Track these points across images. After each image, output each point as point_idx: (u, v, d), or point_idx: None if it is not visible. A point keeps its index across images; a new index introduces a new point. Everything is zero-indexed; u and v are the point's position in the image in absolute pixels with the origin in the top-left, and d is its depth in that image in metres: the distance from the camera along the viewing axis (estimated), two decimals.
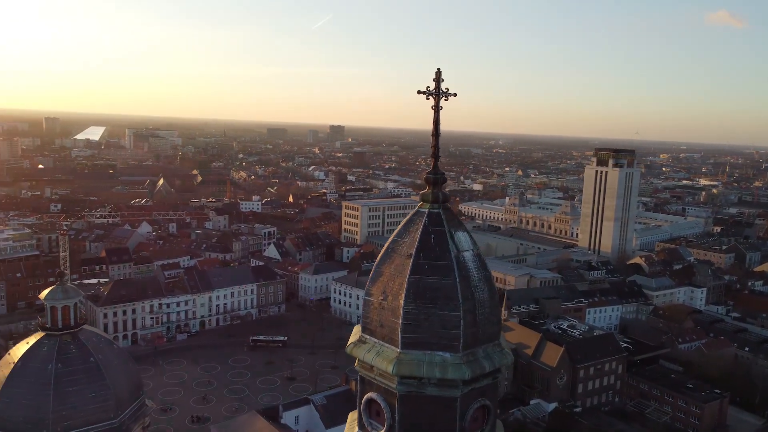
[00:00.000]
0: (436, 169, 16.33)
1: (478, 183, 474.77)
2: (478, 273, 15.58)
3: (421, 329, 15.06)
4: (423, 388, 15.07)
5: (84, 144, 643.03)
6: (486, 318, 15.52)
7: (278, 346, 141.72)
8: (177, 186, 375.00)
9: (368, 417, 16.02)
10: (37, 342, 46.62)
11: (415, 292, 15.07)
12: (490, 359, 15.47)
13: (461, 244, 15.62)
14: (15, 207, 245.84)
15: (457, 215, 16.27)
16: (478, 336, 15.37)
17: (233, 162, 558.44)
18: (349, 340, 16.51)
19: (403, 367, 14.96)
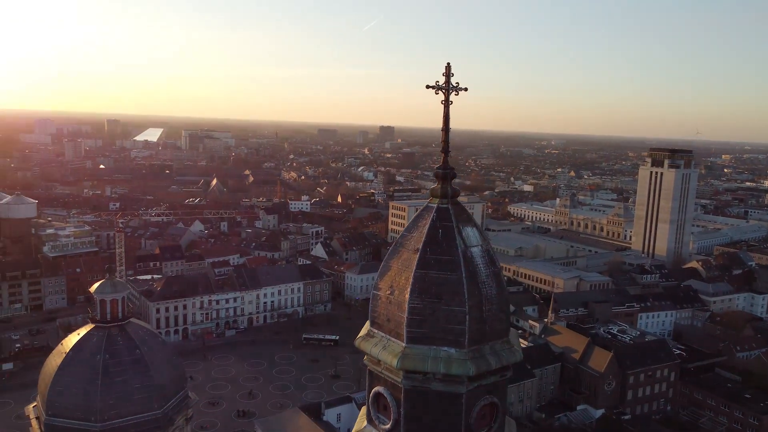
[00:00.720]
0: (445, 164, 16.25)
1: (528, 184, 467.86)
2: (486, 269, 15.41)
3: (426, 324, 15.01)
4: (428, 384, 15.02)
5: (143, 145, 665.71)
6: (493, 314, 15.34)
7: (330, 345, 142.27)
8: (230, 186, 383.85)
9: (376, 411, 16.08)
10: (87, 333, 48.34)
11: (421, 286, 15.04)
12: (497, 356, 15.28)
13: (469, 240, 15.49)
14: (77, 205, 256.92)
15: (466, 211, 16.12)
16: (485, 332, 15.21)
17: (284, 162, 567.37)
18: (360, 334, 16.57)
19: (408, 362, 14.95)
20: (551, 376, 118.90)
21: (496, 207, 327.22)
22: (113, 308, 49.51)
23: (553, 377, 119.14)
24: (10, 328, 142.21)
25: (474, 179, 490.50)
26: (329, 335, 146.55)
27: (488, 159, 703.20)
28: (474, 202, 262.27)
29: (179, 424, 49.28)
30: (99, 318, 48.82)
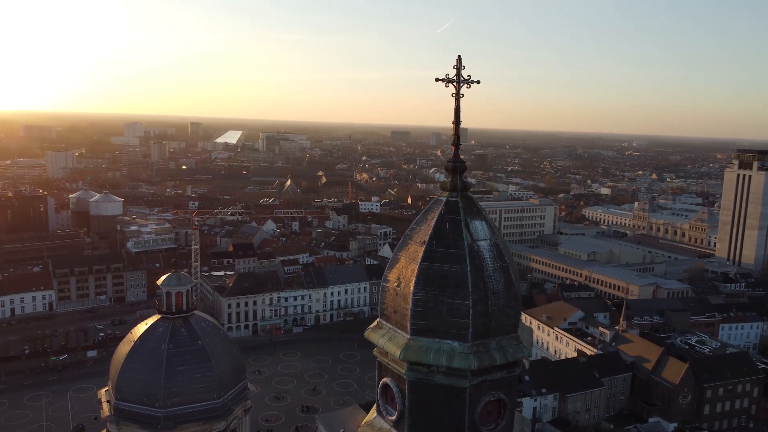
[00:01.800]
0: (456, 158, 16.17)
1: (606, 187, 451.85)
2: (493, 263, 15.19)
3: (430, 316, 14.98)
4: (432, 376, 14.97)
5: (222, 147, 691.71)
6: (500, 309, 15.09)
7: None
8: (303, 186, 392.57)
9: (384, 402, 16.19)
10: (153, 323, 50.71)
11: (426, 279, 15.02)
12: (502, 351, 15.03)
13: (477, 233, 15.33)
14: (159, 204, 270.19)
15: (477, 204, 15.96)
16: (490, 327, 15.00)
17: (356, 164, 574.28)
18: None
19: (411, 354, 14.97)
20: (621, 386, 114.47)
21: (570, 210, 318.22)
22: (178, 300, 51.70)
23: (623, 387, 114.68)
24: (95, 318, 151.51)
25: (548, 181, 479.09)
26: None
27: (564, 161, 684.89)
28: (546, 204, 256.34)
29: (238, 414, 50.81)
30: (165, 309, 51.16)
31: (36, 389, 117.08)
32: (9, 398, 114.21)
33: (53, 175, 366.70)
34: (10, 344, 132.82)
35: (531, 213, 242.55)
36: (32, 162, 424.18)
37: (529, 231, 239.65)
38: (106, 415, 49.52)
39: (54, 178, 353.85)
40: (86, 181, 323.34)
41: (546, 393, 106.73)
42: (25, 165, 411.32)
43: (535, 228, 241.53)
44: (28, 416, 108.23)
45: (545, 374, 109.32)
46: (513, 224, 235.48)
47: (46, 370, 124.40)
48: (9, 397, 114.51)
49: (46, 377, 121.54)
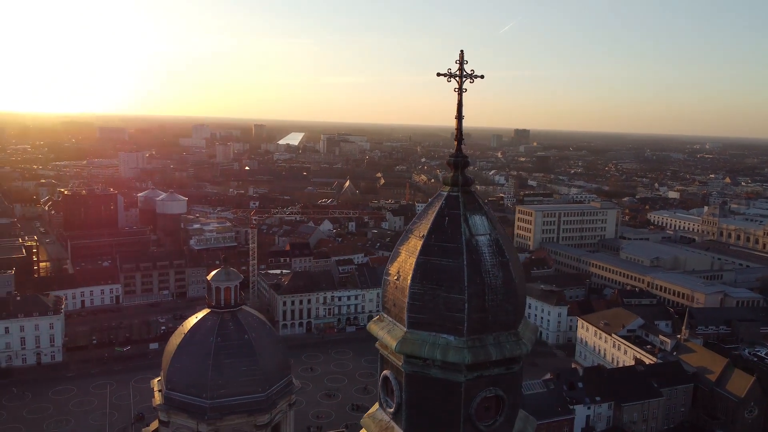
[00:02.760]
0: (458, 153, 16.14)
1: (674, 191, 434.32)
2: (492, 258, 15.10)
3: (426, 310, 15.03)
4: (428, 370, 15.03)
5: (284, 148, 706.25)
6: (498, 304, 14.98)
7: None
8: (361, 188, 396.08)
9: (384, 394, 16.36)
10: (203, 317, 52.45)
11: (422, 272, 15.08)
12: (499, 347, 14.91)
13: (476, 228, 15.27)
14: (222, 203, 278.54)
15: (479, 199, 15.90)
16: (487, 322, 14.91)
17: (415, 166, 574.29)
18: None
19: (406, 346, 15.08)
20: (681, 397, 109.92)
21: (634, 214, 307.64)
22: (227, 295, 53.30)
23: (683, 398, 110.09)
24: (157, 312, 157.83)
25: (613, 184, 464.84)
26: None
27: (631, 163, 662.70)
28: (608, 208, 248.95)
29: (282, 408, 51.81)
30: (214, 304, 52.84)
31: (101, 378, 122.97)
32: (77, 385, 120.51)
33: (125, 174, 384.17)
34: (79, 334, 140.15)
35: (592, 217, 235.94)
36: (106, 162, 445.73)
37: (589, 235, 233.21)
38: (157, 403, 51.52)
39: (125, 177, 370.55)
40: (155, 180, 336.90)
41: (600, 401, 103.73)
42: (100, 165, 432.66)
43: (596, 232, 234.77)
44: (94, 403, 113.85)
45: (600, 382, 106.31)
46: (572, 228, 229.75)
47: (111, 360, 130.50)
48: (77, 384, 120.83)
49: (111, 367, 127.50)
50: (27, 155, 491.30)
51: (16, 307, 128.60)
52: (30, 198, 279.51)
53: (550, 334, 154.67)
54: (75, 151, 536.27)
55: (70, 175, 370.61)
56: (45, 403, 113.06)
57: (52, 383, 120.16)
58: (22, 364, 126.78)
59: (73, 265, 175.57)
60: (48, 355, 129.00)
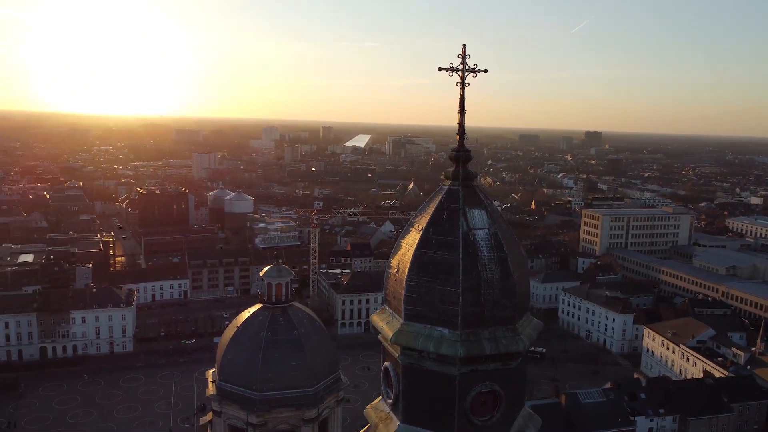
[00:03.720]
0: (459, 147, 16.15)
1: (757, 196, 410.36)
2: (489, 253, 15.01)
3: (422, 302, 15.12)
4: (423, 362, 15.10)
5: (351, 150, 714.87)
6: (494, 299, 14.87)
7: (536, 357, 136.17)
8: (426, 189, 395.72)
9: (385, 386, 16.55)
10: (255, 312, 54.06)
11: (419, 265, 15.18)
12: (494, 342, 14.79)
13: (474, 222, 15.22)
14: (287, 203, 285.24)
15: (481, 193, 15.84)
16: (482, 316, 14.83)
17: (481, 168, 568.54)
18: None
19: (402, 337, 15.21)
20: (755, 414, 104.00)
21: (711, 220, 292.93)
22: (278, 291, 54.68)
23: (757, 415, 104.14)
24: (222, 307, 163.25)
25: (689, 189, 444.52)
26: (536, 347, 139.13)
27: (710, 167, 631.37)
28: (680, 213, 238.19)
29: (330, 404, 52.56)
30: (266, 299, 54.37)
31: (168, 368, 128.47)
32: (145, 374, 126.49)
33: (197, 175, 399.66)
34: (148, 326, 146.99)
35: (663, 222, 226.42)
36: (180, 162, 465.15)
37: (660, 241, 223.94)
38: (210, 393, 53.49)
39: (197, 177, 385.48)
40: (225, 181, 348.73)
41: (664, 414, 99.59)
42: (174, 165, 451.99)
43: (668, 238, 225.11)
44: (160, 392, 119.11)
45: (664, 394, 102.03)
46: (642, 233, 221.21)
47: (177, 351, 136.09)
48: (145, 374, 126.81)
49: (177, 358, 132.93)
50: (109, 156, 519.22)
51: (92, 299, 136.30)
52: (110, 196, 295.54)
53: (614, 343, 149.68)
54: (153, 152, 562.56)
55: (147, 174, 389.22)
56: (116, 390, 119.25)
57: (123, 372, 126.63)
58: (96, 352, 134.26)
59: (145, 260, 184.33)
60: (120, 344, 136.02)
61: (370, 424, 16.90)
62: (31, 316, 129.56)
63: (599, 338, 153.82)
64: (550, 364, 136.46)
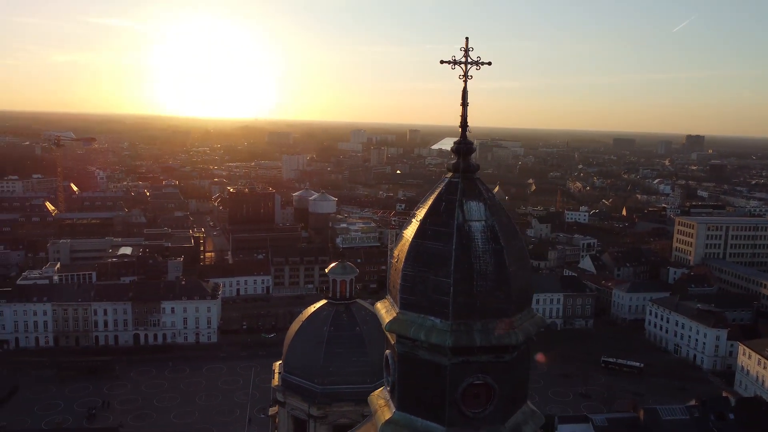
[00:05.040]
0: (461, 139, 16.20)
1: None
2: (484, 245, 14.96)
3: (416, 292, 15.30)
4: (416, 350, 15.28)
5: (437, 153, 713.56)
6: (487, 291, 14.81)
7: (633, 372, 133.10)
8: (511, 194, 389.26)
9: (386, 374, 16.87)
10: (320, 307, 55.68)
11: (415, 255, 15.37)
12: (485, 334, 14.73)
13: (470, 214, 15.22)
14: (370, 205, 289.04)
15: (482, 186, 15.83)
16: (475, 308, 14.82)
17: (571, 172, 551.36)
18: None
19: (395, 325, 15.47)
20: None
21: None
22: (342, 288, 56.06)
23: None
24: (302, 304, 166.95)
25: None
26: (632, 361, 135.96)
27: None
28: None
29: None
30: (330, 295, 55.91)
31: (248, 360, 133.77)
32: (227, 365, 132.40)
33: (286, 175, 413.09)
34: (232, 319, 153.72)
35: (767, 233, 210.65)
36: (271, 164, 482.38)
37: (764, 252, 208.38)
38: (275, 384, 55.58)
39: (286, 178, 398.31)
40: (312, 182, 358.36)
41: None
42: (265, 166, 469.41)
43: None
44: (240, 382, 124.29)
45: (757, 415, 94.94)
46: (743, 243, 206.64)
47: (257, 344, 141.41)
48: (227, 364, 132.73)
49: (257, 351, 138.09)
50: (206, 156, 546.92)
51: (181, 291, 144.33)
52: (204, 194, 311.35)
53: (705, 359, 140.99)
54: (246, 153, 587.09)
55: (239, 175, 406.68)
56: (199, 378, 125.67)
57: (206, 361, 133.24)
58: (183, 341, 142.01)
59: (232, 256, 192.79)
60: (205, 335, 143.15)
61: (372, 410, 17.27)
62: (126, 304, 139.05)
63: (689, 353, 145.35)
64: (633, 377, 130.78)
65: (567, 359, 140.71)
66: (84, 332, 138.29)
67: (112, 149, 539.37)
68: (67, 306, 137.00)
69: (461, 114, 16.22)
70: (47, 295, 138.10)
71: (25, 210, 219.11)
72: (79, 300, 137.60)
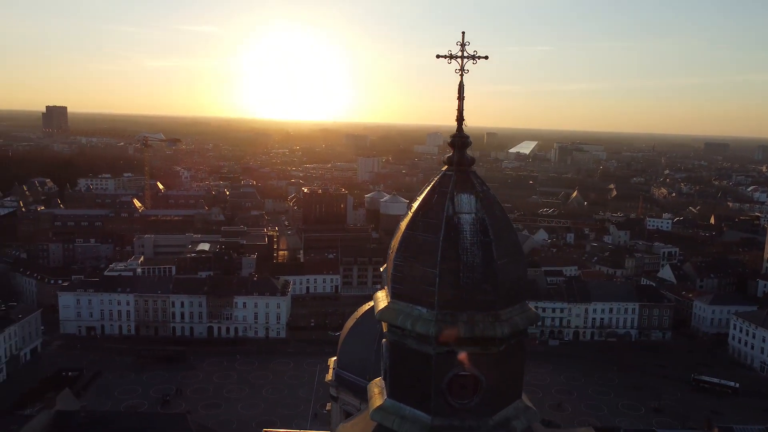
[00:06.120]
0: (457, 133, 16.31)
1: None
2: (473, 237, 15.03)
3: (405, 282, 15.57)
4: (405, 339, 15.54)
5: (514, 157, 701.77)
6: (474, 283, 14.87)
7: (727, 393, 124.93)
8: (590, 199, 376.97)
9: (382, 362, 17.21)
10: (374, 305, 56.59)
11: (405, 246, 15.65)
12: (470, 326, 14.79)
13: (461, 206, 15.32)
14: None
15: (476, 179, 15.90)
16: (461, 299, 14.91)
17: (656, 178, 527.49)
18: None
19: (385, 314, 15.79)
20: None
21: None
22: None
23: None
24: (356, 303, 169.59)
25: None
26: (726, 381, 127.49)
27: None
28: None
29: None
30: None
31: (314, 357, 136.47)
32: (294, 360, 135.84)
33: (361, 177, 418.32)
34: (300, 316, 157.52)
35: None
36: (347, 165, 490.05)
37: None
38: (329, 379, 56.89)
39: (361, 180, 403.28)
40: (386, 184, 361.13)
41: None
42: (341, 168, 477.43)
43: None
44: (305, 378, 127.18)
45: None
46: None
47: (324, 342, 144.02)
48: (294, 360, 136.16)
49: (323, 348, 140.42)
50: (285, 158, 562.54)
51: (253, 286, 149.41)
52: (280, 195, 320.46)
53: None
54: (324, 154, 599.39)
55: (315, 176, 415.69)
56: (266, 372, 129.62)
57: (274, 356, 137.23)
58: (253, 335, 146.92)
59: (304, 254, 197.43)
60: (274, 330, 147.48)
61: (368, 397, 17.66)
62: (202, 298, 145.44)
63: None
64: (712, 395, 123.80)
65: (641, 372, 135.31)
66: (162, 323, 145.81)
67: (197, 150, 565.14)
68: (148, 297, 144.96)
69: (457, 108, 16.39)
70: (130, 286, 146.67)
71: (115, 206, 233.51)
72: (158, 292, 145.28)
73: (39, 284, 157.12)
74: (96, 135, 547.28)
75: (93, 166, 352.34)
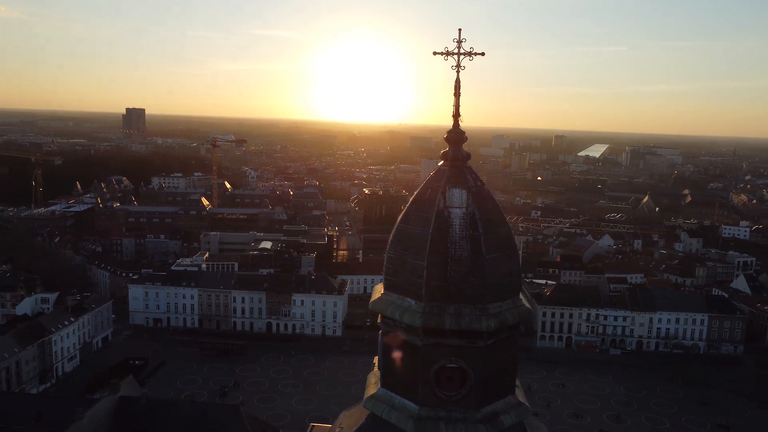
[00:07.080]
0: (453, 129, 16.46)
1: None
2: (462, 231, 15.14)
3: (397, 274, 15.84)
4: (396, 330, 15.83)
5: (583, 160, 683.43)
6: (461, 277, 14.98)
7: None
8: (663, 205, 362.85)
9: (378, 351, 17.57)
10: None
11: (398, 239, 15.93)
12: (456, 318, 14.90)
13: (452, 200, 15.47)
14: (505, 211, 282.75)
15: (469, 175, 16.01)
16: (448, 292, 15.05)
17: (736, 184, 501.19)
18: None
19: (377, 305, 16.13)
20: None
21: None
22: None
23: None
24: None
25: None
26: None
27: None
28: None
29: None
30: None
31: (369, 356, 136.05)
32: (348, 359, 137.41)
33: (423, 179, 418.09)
34: (356, 315, 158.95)
35: None
36: (410, 168, 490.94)
37: None
38: None
39: None
40: None
41: None
42: (404, 170, 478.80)
43: None
44: (359, 376, 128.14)
45: None
46: None
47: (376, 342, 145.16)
48: (349, 358, 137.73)
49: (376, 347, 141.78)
50: (349, 159, 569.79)
51: (311, 285, 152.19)
52: (343, 195, 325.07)
53: None
54: (388, 156, 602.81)
55: (378, 177, 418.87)
56: (321, 369, 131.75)
57: (329, 353, 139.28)
58: (310, 332, 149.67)
59: (363, 255, 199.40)
60: (330, 328, 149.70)
61: (366, 387, 18.03)
62: (261, 294, 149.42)
63: None
64: None
65: (708, 386, 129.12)
66: (224, 317, 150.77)
67: (265, 151, 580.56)
68: (211, 292, 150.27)
69: (454, 104, 16.54)
70: (195, 281, 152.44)
71: (184, 204, 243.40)
72: (221, 287, 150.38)
73: (112, 276, 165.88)
74: (171, 136, 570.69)
75: (166, 165, 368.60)
